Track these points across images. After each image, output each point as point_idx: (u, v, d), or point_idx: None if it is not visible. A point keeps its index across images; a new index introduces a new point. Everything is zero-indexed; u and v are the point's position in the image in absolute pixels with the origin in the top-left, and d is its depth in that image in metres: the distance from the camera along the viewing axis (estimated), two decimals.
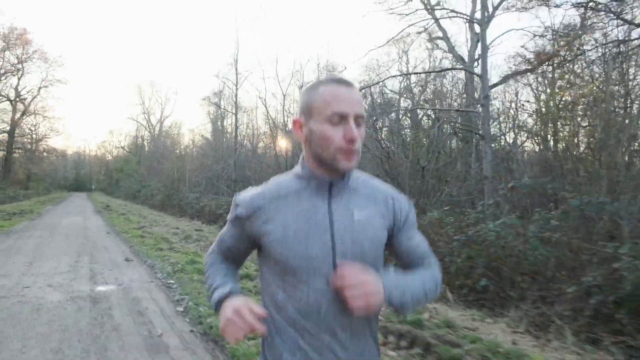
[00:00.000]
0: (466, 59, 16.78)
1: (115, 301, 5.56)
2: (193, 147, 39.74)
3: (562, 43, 10.97)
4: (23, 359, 3.64)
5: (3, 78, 38.99)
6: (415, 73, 14.66)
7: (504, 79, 15.10)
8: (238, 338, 1.15)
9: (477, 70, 12.74)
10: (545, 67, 11.88)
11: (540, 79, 12.86)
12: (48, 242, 11.02)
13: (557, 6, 12.26)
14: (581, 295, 5.43)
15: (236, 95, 24.84)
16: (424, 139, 13.51)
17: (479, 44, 11.68)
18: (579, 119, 8.49)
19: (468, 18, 11.16)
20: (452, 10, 11.02)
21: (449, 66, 17.95)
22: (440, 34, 16.71)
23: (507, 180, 9.14)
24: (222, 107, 29.16)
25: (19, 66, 39.59)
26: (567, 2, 10.89)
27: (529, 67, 12.86)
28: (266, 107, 25.43)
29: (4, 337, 4.14)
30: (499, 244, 6.86)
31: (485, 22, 10.39)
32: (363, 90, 15.72)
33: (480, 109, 10.33)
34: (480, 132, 10.23)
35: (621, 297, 5.10)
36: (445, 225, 7.73)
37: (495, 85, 14.54)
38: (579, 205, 6.66)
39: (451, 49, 17.26)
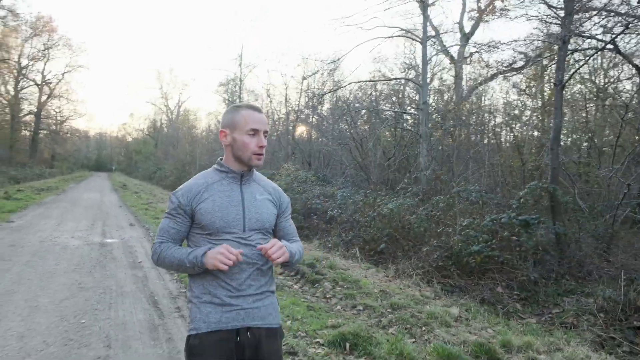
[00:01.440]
0: (456, 57, 18.82)
1: (116, 246, 8.23)
2: (208, 131, 42.21)
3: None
4: (57, 267, 6.29)
5: (31, 64, 41.86)
6: (363, 81, 16.91)
7: (473, 87, 17.22)
8: (229, 264, 1.65)
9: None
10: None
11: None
12: (71, 211, 13.83)
13: (511, 19, 14.44)
14: (430, 253, 7.88)
15: (240, 88, 27.31)
16: (386, 135, 15.86)
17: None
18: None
19: (412, 37, 13.40)
20: (401, 29, 13.33)
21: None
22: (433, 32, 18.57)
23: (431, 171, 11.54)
24: (229, 97, 31.60)
25: (45, 52, 42.19)
26: (523, 15, 12.90)
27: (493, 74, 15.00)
28: (270, 99, 27.81)
29: (45, 259, 6.81)
30: (398, 218, 9.29)
31: (425, 39, 12.68)
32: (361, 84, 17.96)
33: (420, 113, 12.66)
34: (418, 131, 12.59)
35: (451, 254, 7.55)
36: (368, 206, 10.20)
37: (477, 86, 16.66)
38: (458, 192, 9.07)
39: (442, 47, 19.29)
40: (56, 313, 4.35)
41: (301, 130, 24.86)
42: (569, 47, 8.70)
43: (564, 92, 9.16)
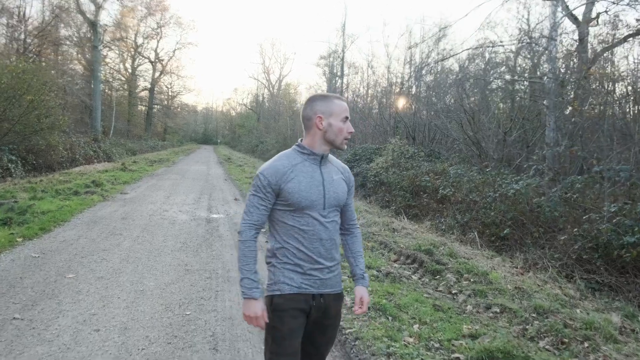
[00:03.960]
0: (580, 18, 16.62)
1: (221, 222, 8.02)
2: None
3: None
4: (164, 245, 6.11)
5: (145, 42, 44.28)
6: (493, 45, 15.25)
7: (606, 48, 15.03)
8: (257, 326, 1.92)
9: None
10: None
11: None
12: (180, 183, 14.15)
13: None
14: (568, 242, 6.76)
15: (342, 60, 26.64)
16: (502, 104, 14.33)
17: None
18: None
19: None
20: None
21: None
22: None
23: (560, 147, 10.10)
24: (330, 70, 31.04)
25: (158, 31, 44.35)
26: None
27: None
28: (372, 70, 26.90)
29: (154, 234, 6.70)
30: (525, 200, 8.17)
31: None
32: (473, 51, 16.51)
33: (546, 81, 11.15)
34: (545, 102, 11.12)
35: (597, 245, 6.39)
36: (487, 186, 9.14)
37: (607, 50, 14.55)
38: (600, 171, 7.75)
39: (565, 9, 17.07)
40: (161, 300, 4.02)
41: (403, 102, 23.71)
42: None
43: None
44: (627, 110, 11.41)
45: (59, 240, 6.00)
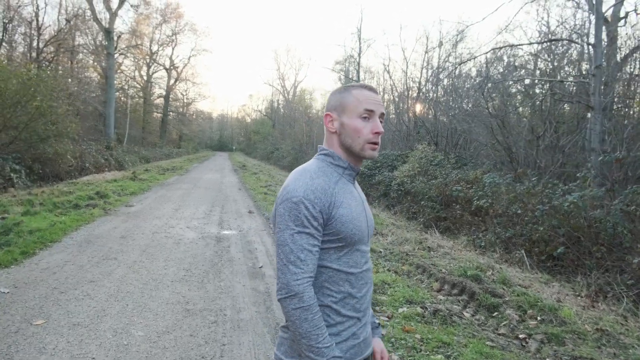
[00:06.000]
0: (609, 19, 15.54)
1: (233, 241, 7.07)
2: (324, 111, 41.17)
3: None
4: (164, 273, 5.17)
5: (160, 49, 43.90)
6: (518, 45, 14.13)
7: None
8: None
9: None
10: None
11: None
12: (191, 193, 13.26)
13: None
14: None
15: (359, 64, 25.69)
16: (531, 107, 13.22)
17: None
18: None
19: None
20: None
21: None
22: None
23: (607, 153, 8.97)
24: (346, 75, 30.13)
25: (173, 38, 44.05)
26: None
27: None
28: (389, 75, 25.86)
29: (154, 258, 5.76)
30: (580, 214, 7.09)
31: None
32: (491, 53, 15.50)
33: (592, 80, 10.03)
34: (590, 103, 9.99)
35: None
36: (532, 196, 8.06)
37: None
38: None
39: (591, 7, 16.02)
40: None
41: (421, 107, 22.69)
42: None
43: None
44: None
45: (40, 268, 5.08)
